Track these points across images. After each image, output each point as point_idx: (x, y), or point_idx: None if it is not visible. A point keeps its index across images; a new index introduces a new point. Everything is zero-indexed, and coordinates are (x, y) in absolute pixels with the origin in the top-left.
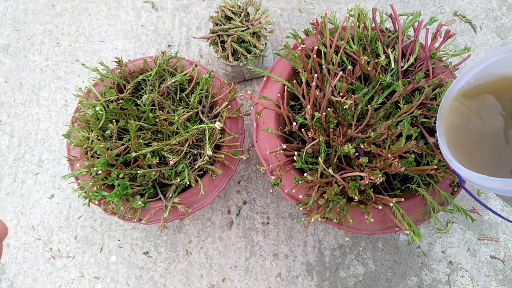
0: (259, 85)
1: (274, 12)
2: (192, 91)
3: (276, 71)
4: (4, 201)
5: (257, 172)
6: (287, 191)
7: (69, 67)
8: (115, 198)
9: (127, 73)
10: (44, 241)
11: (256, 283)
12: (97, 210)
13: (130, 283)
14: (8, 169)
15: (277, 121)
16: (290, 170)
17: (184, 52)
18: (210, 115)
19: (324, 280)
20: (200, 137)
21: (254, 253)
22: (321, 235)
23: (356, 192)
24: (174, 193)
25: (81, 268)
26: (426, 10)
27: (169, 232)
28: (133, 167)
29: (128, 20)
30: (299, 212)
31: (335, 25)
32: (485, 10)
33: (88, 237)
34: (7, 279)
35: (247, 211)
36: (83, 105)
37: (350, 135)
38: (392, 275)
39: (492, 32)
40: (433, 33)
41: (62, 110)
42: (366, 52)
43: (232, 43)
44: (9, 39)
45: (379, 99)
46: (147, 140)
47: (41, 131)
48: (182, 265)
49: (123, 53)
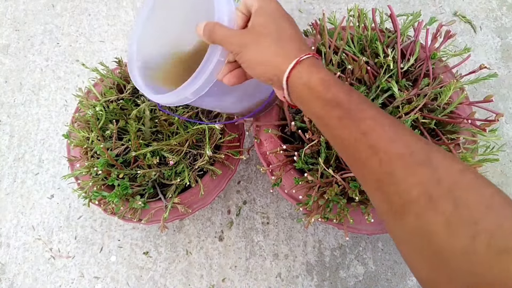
0: None
1: None
2: None
3: None
4: (4, 201)
5: (257, 172)
6: (287, 191)
7: (69, 67)
8: (115, 198)
9: (127, 73)
10: (44, 241)
11: (256, 283)
12: (97, 210)
13: (130, 283)
14: (8, 169)
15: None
16: (290, 170)
17: None
18: (210, 115)
19: (324, 280)
20: (200, 137)
21: (254, 253)
22: (321, 235)
23: (356, 192)
24: (174, 193)
25: (81, 268)
26: (426, 10)
27: (169, 232)
28: (133, 167)
29: (128, 20)
30: (299, 212)
31: (335, 25)
32: (485, 10)
33: (88, 237)
34: (7, 279)
35: (247, 211)
36: (83, 105)
37: None
38: (392, 275)
39: (492, 32)
40: (433, 33)
41: (62, 110)
42: (365, 52)
43: None
44: (9, 39)
45: (379, 100)
46: (147, 141)
47: (41, 131)
48: (182, 265)
49: (123, 53)
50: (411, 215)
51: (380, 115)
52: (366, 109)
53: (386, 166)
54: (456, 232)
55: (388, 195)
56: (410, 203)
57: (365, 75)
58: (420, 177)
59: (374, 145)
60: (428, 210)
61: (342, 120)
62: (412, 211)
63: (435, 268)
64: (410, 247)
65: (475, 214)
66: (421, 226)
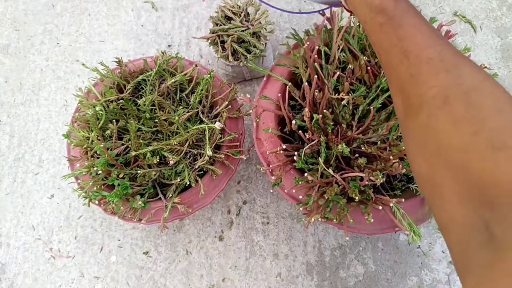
0: (259, 85)
1: (274, 12)
2: (192, 91)
3: (276, 70)
4: (4, 201)
5: (257, 172)
6: (287, 191)
7: (69, 67)
8: (115, 198)
9: (127, 73)
10: (44, 241)
11: (256, 283)
12: (97, 210)
13: (130, 283)
14: (8, 169)
15: (277, 121)
16: (290, 170)
17: (184, 52)
18: (210, 115)
19: (324, 280)
20: (200, 137)
21: (254, 253)
22: (321, 235)
23: (356, 192)
24: (174, 193)
25: (81, 268)
26: (426, 10)
27: (169, 232)
28: (133, 167)
29: (128, 20)
30: (299, 212)
31: (336, 24)
32: (485, 10)
33: (88, 237)
34: (7, 279)
35: (247, 211)
36: (83, 105)
37: (350, 136)
38: (392, 275)
39: (492, 32)
40: None
41: (62, 110)
42: (365, 52)
43: (232, 43)
44: (9, 39)
45: (379, 100)
46: (147, 140)
47: (41, 131)
48: (182, 265)
49: (123, 53)
50: (424, 114)
51: (420, 23)
52: (409, 17)
53: (414, 68)
54: (459, 129)
55: (409, 96)
56: (425, 103)
57: (365, 74)
58: (442, 81)
59: (408, 49)
60: (440, 109)
61: (383, 26)
62: (426, 110)
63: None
64: (416, 143)
65: (483, 115)
66: (430, 123)
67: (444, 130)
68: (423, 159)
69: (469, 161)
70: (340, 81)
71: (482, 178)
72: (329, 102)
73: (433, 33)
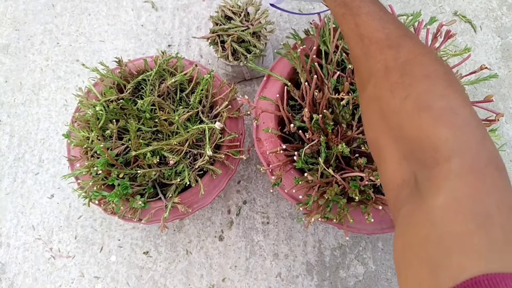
0: (259, 85)
1: (274, 12)
2: (192, 91)
3: (276, 70)
4: (4, 201)
5: (257, 172)
6: (287, 191)
7: (69, 67)
8: (115, 198)
9: (127, 73)
10: (44, 241)
11: (256, 283)
12: (97, 210)
13: (130, 283)
14: (8, 169)
15: (277, 121)
16: (290, 170)
17: (184, 52)
18: (210, 115)
19: (324, 280)
20: (200, 137)
21: (254, 253)
22: (321, 235)
23: (356, 192)
24: (174, 193)
25: (81, 268)
26: (426, 10)
27: (169, 232)
28: (133, 167)
29: (128, 20)
30: (299, 212)
31: (336, 24)
32: (485, 10)
33: (88, 237)
34: (7, 279)
35: (247, 211)
36: (83, 105)
37: (350, 136)
38: (392, 275)
39: (492, 32)
40: (434, 33)
41: (62, 110)
42: None
43: (232, 43)
44: (9, 39)
45: None
46: (147, 140)
47: (41, 131)
48: (182, 265)
49: (123, 53)
50: (371, 85)
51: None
52: (364, 6)
53: (366, 48)
54: (395, 94)
55: (362, 72)
56: (372, 75)
57: None
58: (386, 56)
59: (362, 34)
60: (382, 79)
61: (345, 16)
62: (372, 81)
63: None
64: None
65: (411, 80)
66: (375, 92)
67: (385, 96)
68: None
69: (403, 122)
70: (340, 81)
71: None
72: (329, 102)
73: (384, 18)
